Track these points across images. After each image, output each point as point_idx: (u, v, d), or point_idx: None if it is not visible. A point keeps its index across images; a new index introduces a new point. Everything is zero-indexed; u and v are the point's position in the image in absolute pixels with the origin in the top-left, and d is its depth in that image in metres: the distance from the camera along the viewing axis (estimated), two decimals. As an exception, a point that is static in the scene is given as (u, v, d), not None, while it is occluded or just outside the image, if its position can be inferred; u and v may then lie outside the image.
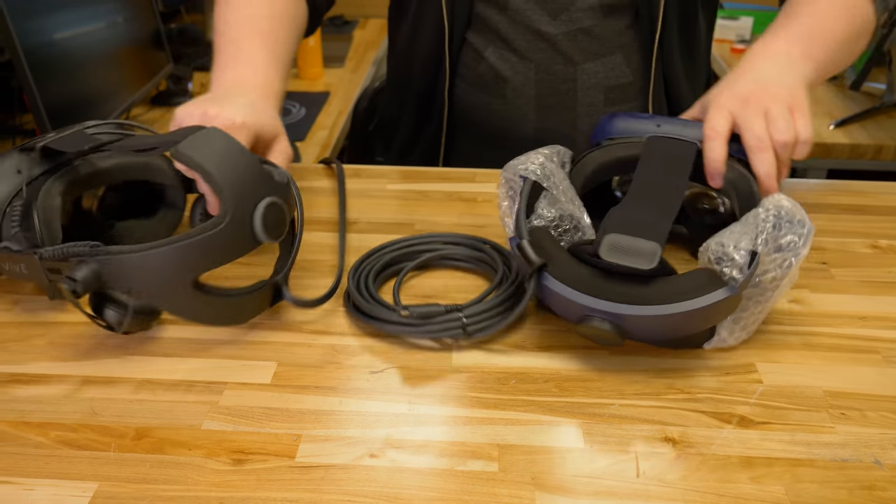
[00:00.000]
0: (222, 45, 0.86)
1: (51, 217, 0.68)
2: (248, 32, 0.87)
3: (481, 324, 0.67)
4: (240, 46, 0.85)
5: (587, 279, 0.62)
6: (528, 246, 0.64)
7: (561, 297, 0.63)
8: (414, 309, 0.66)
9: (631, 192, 0.69)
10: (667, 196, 0.69)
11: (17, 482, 0.55)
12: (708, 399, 0.63)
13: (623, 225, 0.63)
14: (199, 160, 0.63)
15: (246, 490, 0.54)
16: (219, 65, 0.84)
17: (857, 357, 0.68)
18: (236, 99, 0.75)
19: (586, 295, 0.61)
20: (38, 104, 1.43)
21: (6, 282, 0.77)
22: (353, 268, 0.75)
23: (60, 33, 1.54)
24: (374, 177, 1.00)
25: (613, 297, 0.60)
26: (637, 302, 0.60)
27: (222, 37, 0.87)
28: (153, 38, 2.01)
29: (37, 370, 0.66)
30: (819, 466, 0.57)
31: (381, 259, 0.77)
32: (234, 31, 0.87)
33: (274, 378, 0.65)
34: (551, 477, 0.56)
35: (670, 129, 0.76)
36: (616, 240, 0.61)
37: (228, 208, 0.63)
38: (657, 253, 0.61)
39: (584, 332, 0.63)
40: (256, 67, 0.83)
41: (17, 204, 0.68)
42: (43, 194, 0.69)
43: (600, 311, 0.61)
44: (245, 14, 0.89)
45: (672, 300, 0.60)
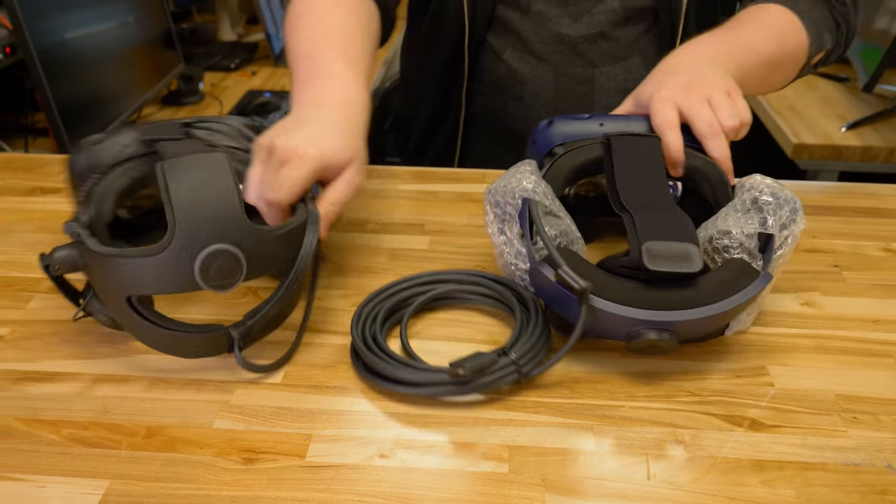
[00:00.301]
0: (298, 61, 0.81)
1: (106, 197, 0.66)
2: (324, 44, 0.81)
3: (531, 363, 0.63)
4: (316, 60, 0.80)
5: (635, 293, 0.61)
6: (571, 271, 0.61)
7: (611, 316, 0.60)
8: (462, 364, 0.60)
9: (624, 196, 0.69)
10: (659, 194, 0.69)
11: (29, 479, 0.55)
12: (719, 402, 0.63)
13: (653, 231, 0.63)
14: (168, 182, 0.60)
15: (256, 489, 0.54)
16: (297, 81, 0.79)
17: (869, 361, 0.67)
18: (310, 126, 0.70)
19: (640, 309, 0.60)
20: (51, 103, 1.44)
21: (20, 280, 0.77)
22: (356, 325, 0.67)
23: (72, 33, 1.55)
24: (385, 177, 1.00)
25: (667, 306, 0.60)
26: (689, 306, 0.60)
27: (296, 52, 0.82)
28: (164, 37, 2.02)
29: (49, 368, 0.66)
30: (831, 470, 0.56)
31: (378, 311, 0.69)
32: (308, 45, 0.82)
33: (285, 378, 0.65)
34: (562, 478, 0.56)
35: (614, 126, 0.76)
36: (653, 247, 0.61)
37: (175, 240, 0.59)
38: (697, 253, 0.61)
39: (638, 347, 0.61)
40: (336, 81, 0.77)
41: (96, 176, 0.68)
42: (115, 174, 0.68)
43: (656, 322, 0.60)
44: (317, 25, 0.84)
45: (720, 297, 0.60)
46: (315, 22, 0.84)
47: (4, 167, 1.02)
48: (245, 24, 2.87)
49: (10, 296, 0.75)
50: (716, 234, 0.65)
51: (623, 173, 0.71)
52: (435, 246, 0.84)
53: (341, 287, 0.77)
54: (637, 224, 0.64)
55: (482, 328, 0.71)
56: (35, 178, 0.99)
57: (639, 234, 0.62)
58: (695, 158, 0.73)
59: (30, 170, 1.01)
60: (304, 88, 0.77)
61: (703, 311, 0.60)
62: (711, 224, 0.67)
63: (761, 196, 0.65)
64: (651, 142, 0.73)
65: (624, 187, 0.70)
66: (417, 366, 0.63)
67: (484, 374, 0.61)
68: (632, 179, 0.71)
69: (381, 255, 0.82)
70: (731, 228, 0.65)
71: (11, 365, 0.66)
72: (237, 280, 0.60)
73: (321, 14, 0.85)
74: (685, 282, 0.61)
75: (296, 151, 0.67)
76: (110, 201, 0.65)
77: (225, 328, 0.63)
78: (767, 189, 0.66)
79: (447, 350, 0.68)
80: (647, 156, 0.72)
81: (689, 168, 0.73)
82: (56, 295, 0.75)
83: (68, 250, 0.63)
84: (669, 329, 0.60)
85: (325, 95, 0.76)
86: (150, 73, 1.93)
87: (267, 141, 0.68)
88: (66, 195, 0.94)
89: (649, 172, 0.71)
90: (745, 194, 0.67)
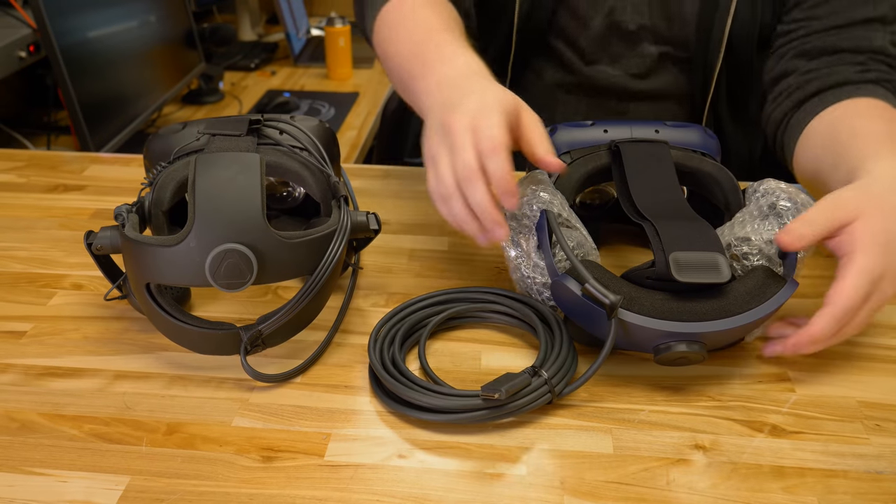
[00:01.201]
0: (406, 60, 0.75)
1: (166, 185, 0.67)
2: (425, 37, 0.76)
3: (562, 382, 0.61)
4: (428, 49, 0.74)
5: (664, 305, 0.60)
6: (599, 285, 0.60)
7: (640, 329, 0.60)
8: (497, 388, 0.58)
9: (640, 204, 0.68)
10: (675, 201, 0.69)
11: (51, 474, 0.56)
12: (740, 407, 0.62)
13: (678, 241, 0.62)
14: (196, 176, 0.61)
15: (275, 487, 0.55)
16: (415, 76, 0.73)
17: (892, 368, 0.67)
18: (466, 93, 0.64)
19: (669, 321, 0.59)
20: (73, 101, 1.45)
21: (42, 276, 0.78)
22: (374, 349, 0.65)
23: (95, 32, 1.56)
24: (405, 178, 1.00)
25: (697, 317, 0.59)
26: (719, 316, 0.59)
27: (398, 56, 0.77)
28: (185, 37, 2.03)
29: (71, 364, 0.66)
30: (853, 478, 0.56)
31: (395, 332, 0.67)
32: (412, 46, 0.76)
33: (304, 377, 0.65)
34: (580, 482, 0.55)
35: (619, 133, 0.75)
36: (680, 258, 0.60)
37: (190, 235, 0.60)
38: (725, 262, 0.60)
39: (667, 360, 0.61)
40: (456, 55, 0.71)
41: (162, 164, 0.69)
42: (177, 165, 0.68)
43: (686, 334, 0.59)
44: (412, 25, 0.79)
45: (750, 307, 0.60)
46: (411, 23, 0.80)
47: (27, 165, 1.02)
48: (265, 24, 2.88)
49: (33, 292, 0.76)
50: (734, 242, 0.65)
51: (635, 180, 0.71)
52: (455, 247, 0.84)
53: (361, 287, 0.77)
54: (661, 234, 0.63)
55: (501, 348, 0.70)
56: (58, 175, 1.00)
57: (664, 244, 0.62)
58: (705, 163, 0.72)
59: (52, 167, 1.02)
60: (427, 77, 0.71)
61: (734, 321, 0.59)
62: (728, 231, 0.66)
63: (779, 201, 0.65)
64: (659, 147, 0.73)
65: (638, 195, 0.69)
66: (447, 391, 0.60)
67: (518, 397, 0.59)
68: (645, 186, 0.70)
69: (401, 256, 0.82)
70: (749, 235, 0.64)
71: (33, 360, 0.67)
72: (247, 281, 0.60)
73: (414, 14, 0.81)
74: (712, 292, 0.60)
75: (480, 112, 0.62)
76: (169, 190, 0.66)
77: (235, 328, 0.63)
78: (784, 194, 0.65)
79: (468, 371, 0.67)
80: (658, 161, 0.72)
81: (701, 173, 0.73)
82: (78, 291, 0.76)
83: (111, 232, 0.65)
84: (699, 341, 0.59)
85: (454, 68, 0.70)
86: (171, 71, 1.94)
87: (436, 122, 0.64)
88: (88, 193, 0.95)
89: (662, 178, 0.71)
90: (760, 200, 0.66)
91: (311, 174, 0.69)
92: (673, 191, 0.70)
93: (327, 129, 0.76)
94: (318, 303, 0.66)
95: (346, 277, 0.76)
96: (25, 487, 0.55)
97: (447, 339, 0.70)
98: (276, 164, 0.68)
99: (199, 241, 0.60)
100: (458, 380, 0.65)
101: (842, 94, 0.82)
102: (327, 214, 0.69)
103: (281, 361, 0.67)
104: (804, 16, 0.88)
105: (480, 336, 0.71)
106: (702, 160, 0.73)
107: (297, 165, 0.69)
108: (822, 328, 0.59)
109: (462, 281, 0.78)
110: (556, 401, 0.61)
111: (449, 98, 0.65)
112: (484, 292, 0.72)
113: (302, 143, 0.71)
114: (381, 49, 0.84)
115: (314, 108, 2.08)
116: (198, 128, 0.71)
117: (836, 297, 0.59)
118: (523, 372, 0.60)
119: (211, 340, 0.64)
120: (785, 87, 0.88)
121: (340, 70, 2.31)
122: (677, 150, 0.74)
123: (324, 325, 0.70)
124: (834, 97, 0.82)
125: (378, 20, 0.85)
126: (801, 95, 0.85)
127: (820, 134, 0.81)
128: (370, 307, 0.74)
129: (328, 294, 0.67)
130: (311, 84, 2.30)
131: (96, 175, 1.00)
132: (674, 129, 0.76)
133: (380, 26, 0.84)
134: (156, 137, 0.73)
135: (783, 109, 0.88)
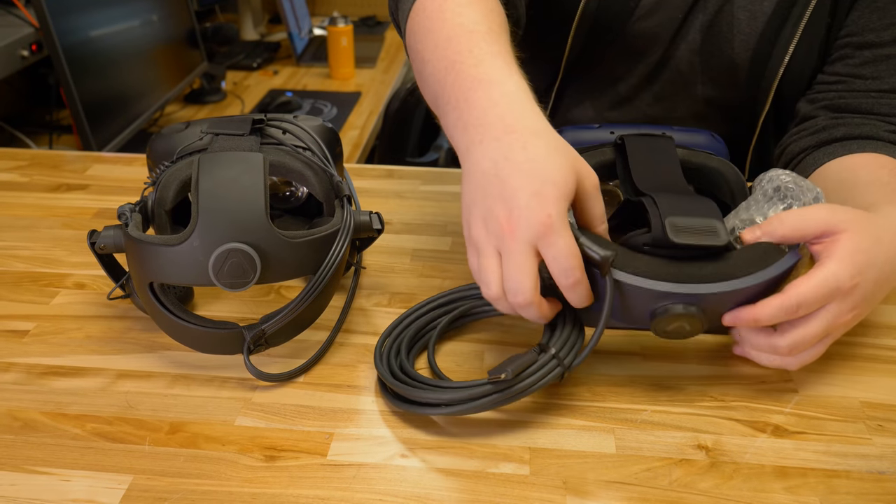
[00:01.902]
0: (440, 71, 0.64)
1: (169, 184, 0.67)
2: (465, 43, 0.64)
3: (570, 354, 0.59)
4: (466, 61, 0.62)
5: (661, 267, 0.58)
6: (590, 241, 0.57)
7: (635, 291, 0.57)
8: (503, 368, 0.57)
9: (640, 183, 0.68)
10: (677, 181, 0.68)
11: (54, 473, 0.56)
12: (742, 407, 0.62)
13: (675, 208, 0.60)
14: (200, 176, 0.62)
15: (278, 487, 0.55)
16: (448, 96, 0.62)
17: (895, 369, 0.67)
18: (519, 179, 0.55)
19: (666, 282, 0.57)
20: (76, 100, 1.45)
21: (45, 275, 0.78)
22: (380, 360, 0.64)
23: (97, 31, 1.57)
24: (405, 178, 1.00)
25: (695, 280, 0.57)
26: (718, 279, 0.57)
27: (431, 64, 0.65)
28: (188, 36, 2.03)
29: (74, 363, 0.66)
30: (855, 478, 0.56)
31: (400, 341, 0.66)
32: (449, 53, 0.64)
33: (306, 376, 0.65)
34: (583, 482, 0.55)
35: (626, 133, 0.74)
36: (677, 222, 0.58)
37: (194, 234, 0.60)
38: (723, 228, 0.58)
39: (664, 328, 0.59)
40: (503, 74, 0.61)
41: (165, 164, 0.69)
42: (180, 165, 0.68)
43: (684, 294, 0.57)
44: (451, 26, 0.66)
45: (749, 271, 0.57)
46: (450, 24, 0.67)
47: (30, 164, 1.03)
48: (268, 24, 2.88)
49: (36, 291, 0.76)
50: (738, 224, 0.64)
51: (638, 166, 0.70)
52: (457, 247, 0.84)
53: (363, 287, 0.77)
54: (658, 203, 0.61)
55: (510, 338, 0.70)
56: (60, 174, 1.00)
57: (661, 210, 0.60)
58: (711, 159, 0.72)
59: (55, 166, 1.02)
60: (465, 103, 0.60)
61: (733, 284, 0.57)
62: (733, 216, 0.66)
63: (784, 184, 0.65)
64: (664, 141, 0.72)
65: (639, 175, 0.69)
66: (454, 385, 0.59)
67: (526, 375, 0.57)
68: (647, 168, 0.69)
69: (404, 256, 0.82)
70: (754, 216, 0.63)
71: (36, 359, 0.67)
72: (250, 281, 0.60)
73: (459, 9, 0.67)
74: (712, 257, 0.58)
75: (541, 212, 0.53)
76: (172, 189, 0.66)
77: (238, 328, 0.64)
78: (788, 178, 0.65)
79: (471, 369, 0.66)
80: (662, 152, 0.71)
81: (707, 169, 0.72)
82: (81, 291, 0.76)
83: (114, 231, 0.65)
84: (697, 303, 0.57)
85: (501, 95, 0.59)
86: (174, 71, 1.94)
87: (481, 196, 0.56)
88: (90, 192, 0.95)
89: (665, 165, 0.70)
90: (766, 185, 0.66)
91: (314, 174, 0.69)
92: (674, 174, 0.69)
93: (330, 128, 0.76)
94: (321, 302, 0.66)
95: (349, 277, 0.76)
96: (28, 486, 0.55)
97: (451, 340, 0.70)
98: (280, 164, 0.68)
99: (202, 241, 0.60)
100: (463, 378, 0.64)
101: (867, 146, 0.79)
102: (330, 214, 0.69)
103: (284, 361, 0.67)
104: (847, 73, 0.85)
105: (487, 331, 0.71)
106: (708, 156, 0.73)
107: (301, 165, 0.69)
108: (766, 310, 0.57)
109: (464, 281, 0.77)
110: (567, 374, 0.59)
111: (496, 152, 0.56)
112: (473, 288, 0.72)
113: (305, 142, 0.71)
114: (414, 53, 0.71)
115: (316, 108, 2.08)
116: (201, 127, 0.71)
117: (791, 288, 0.57)
118: (530, 351, 0.59)
119: (214, 340, 0.64)
120: (810, 126, 0.86)
121: (343, 70, 2.31)
122: (683, 148, 0.74)
123: (327, 325, 0.70)
124: (858, 147, 0.79)
125: (412, 17, 0.71)
126: (826, 137, 0.83)
127: (836, 173, 0.78)
128: (373, 307, 0.74)
129: (331, 294, 0.67)
130: (314, 84, 2.30)
131: (99, 174, 1.00)
132: (682, 132, 0.76)
133: (414, 25, 0.71)
134: (159, 137, 0.73)
135: (802, 145, 0.85)
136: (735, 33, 0.89)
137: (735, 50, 0.90)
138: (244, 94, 2.17)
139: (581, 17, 0.91)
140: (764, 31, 0.88)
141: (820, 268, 0.57)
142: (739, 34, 0.89)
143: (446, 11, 0.67)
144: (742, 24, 0.89)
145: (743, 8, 0.88)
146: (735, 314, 0.58)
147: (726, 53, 0.91)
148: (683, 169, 0.71)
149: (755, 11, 0.88)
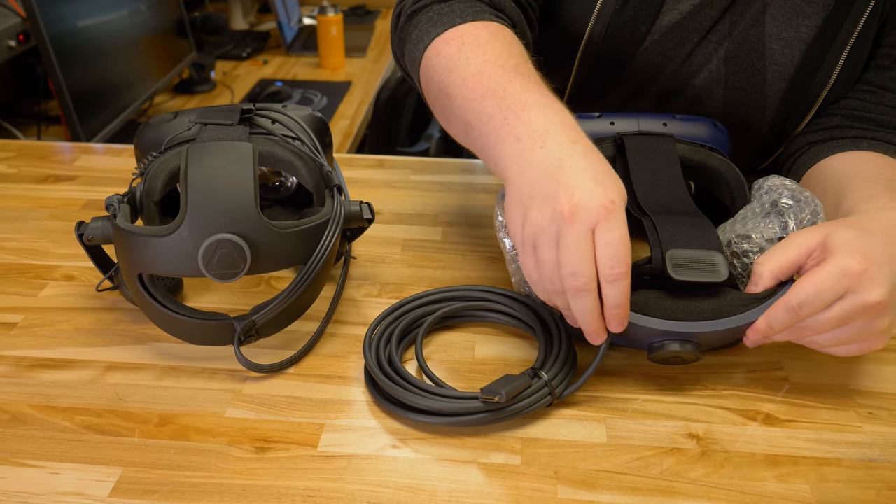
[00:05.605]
0: (473, 101, 0.64)
1: (157, 175, 0.66)
2: (500, 75, 0.64)
3: (562, 383, 0.60)
4: (508, 89, 0.62)
5: (658, 303, 0.59)
6: None
7: (633, 327, 0.59)
8: (497, 391, 0.57)
9: (642, 198, 0.68)
10: (678, 196, 0.68)
11: (43, 465, 0.55)
12: (733, 396, 0.62)
13: (676, 238, 0.61)
14: (188, 166, 0.61)
15: (268, 478, 0.54)
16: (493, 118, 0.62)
17: (885, 356, 0.67)
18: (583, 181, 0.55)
19: (663, 320, 0.58)
20: (64, 90, 1.44)
21: (33, 267, 0.78)
22: (369, 350, 0.63)
23: (85, 21, 1.55)
24: (397, 167, 1.00)
25: (692, 317, 0.59)
26: (714, 316, 0.58)
27: (461, 96, 0.65)
28: (176, 26, 2.01)
29: (62, 355, 0.66)
30: (846, 466, 0.56)
31: (391, 331, 0.66)
32: (484, 82, 0.64)
33: (297, 367, 0.65)
34: (574, 471, 0.55)
35: (626, 125, 0.74)
36: (677, 255, 0.60)
37: (183, 225, 0.59)
38: (723, 261, 0.59)
39: (660, 358, 0.60)
40: (544, 98, 0.62)
41: (153, 154, 0.68)
42: (168, 155, 0.68)
43: (680, 333, 0.58)
44: (483, 60, 0.66)
45: (746, 308, 0.58)
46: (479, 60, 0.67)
47: (18, 155, 1.02)
48: (257, 13, 2.86)
49: (24, 283, 0.75)
50: (734, 239, 0.64)
51: (639, 174, 0.70)
52: (448, 237, 0.84)
53: (354, 277, 0.77)
54: (659, 230, 0.62)
55: (498, 347, 0.70)
56: (48, 165, 0.99)
57: (661, 241, 0.61)
58: (712, 158, 0.72)
59: (43, 157, 1.01)
60: (511, 125, 0.60)
61: (729, 322, 0.58)
62: (730, 227, 0.66)
63: (781, 199, 0.64)
64: (665, 140, 0.72)
65: (641, 189, 0.69)
66: (446, 393, 0.59)
67: (518, 399, 0.58)
68: (649, 180, 0.70)
69: (394, 246, 0.82)
70: (750, 233, 0.63)
71: (24, 352, 0.66)
72: (240, 271, 0.60)
73: (482, 48, 0.68)
74: (709, 291, 0.60)
75: (606, 209, 0.54)
76: (160, 180, 0.66)
77: (229, 319, 0.63)
78: (787, 192, 0.64)
79: (461, 361, 0.66)
80: (663, 155, 0.71)
81: (707, 168, 0.72)
82: (69, 282, 0.75)
83: (102, 222, 0.65)
84: (693, 340, 0.59)
85: (548, 117, 0.60)
86: (163, 61, 1.93)
87: (539, 190, 0.56)
88: (79, 183, 0.95)
89: (666, 173, 0.70)
90: (763, 196, 0.65)
91: (303, 163, 0.68)
92: (676, 185, 0.69)
93: (320, 118, 0.75)
94: (311, 293, 0.66)
95: (339, 267, 0.76)
96: (17, 479, 0.54)
97: (442, 330, 0.70)
98: (269, 154, 0.68)
99: (191, 231, 0.59)
100: (451, 370, 0.65)
101: (878, 146, 0.76)
102: (320, 204, 0.68)
103: (274, 352, 0.66)
104: (880, 84, 0.80)
105: (476, 334, 0.70)
106: (709, 154, 0.72)
107: (290, 155, 0.68)
108: (771, 315, 0.57)
109: (455, 271, 0.78)
110: (555, 402, 0.60)
111: (561, 152, 0.57)
112: (481, 290, 0.71)
113: (294, 132, 0.71)
114: (436, 91, 0.70)
115: (306, 98, 2.07)
116: (189, 117, 0.71)
117: (793, 287, 0.57)
118: (523, 374, 0.60)
119: (204, 331, 0.64)
120: (824, 122, 0.82)
121: (333, 59, 2.30)
122: (684, 143, 0.73)
123: (317, 316, 0.69)
124: (869, 146, 0.77)
125: (426, 62, 0.72)
126: (836, 134, 0.80)
127: (835, 167, 0.76)
128: (363, 297, 0.74)
129: (321, 284, 0.67)
130: (304, 73, 2.29)
131: (87, 165, 0.99)
132: (682, 122, 0.75)
133: (433, 61, 0.71)
134: (147, 127, 0.73)
135: (810, 139, 0.82)
136: (767, 64, 0.82)
137: (767, 82, 0.83)
138: (234, 84, 2.15)
139: (587, 41, 0.85)
140: (804, 61, 0.80)
141: (820, 265, 0.57)
142: (773, 65, 0.81)
143: (466, 52, 0.68)
144: (776, 55, 0.81)
145: (776, 37, 0.80)
146: (751, 337, 0.59)
147: (756, 85, 0.83)
148: (683, 167, 0.72)
149: (790, 39, 0.80)
